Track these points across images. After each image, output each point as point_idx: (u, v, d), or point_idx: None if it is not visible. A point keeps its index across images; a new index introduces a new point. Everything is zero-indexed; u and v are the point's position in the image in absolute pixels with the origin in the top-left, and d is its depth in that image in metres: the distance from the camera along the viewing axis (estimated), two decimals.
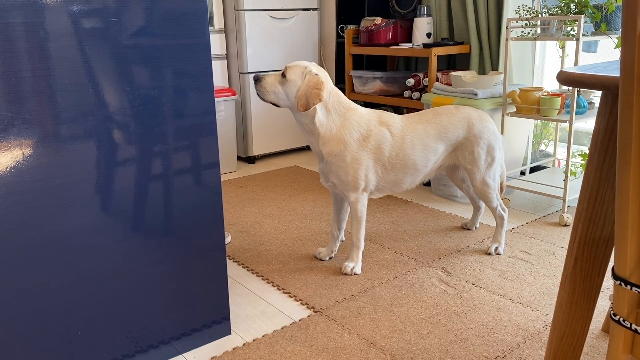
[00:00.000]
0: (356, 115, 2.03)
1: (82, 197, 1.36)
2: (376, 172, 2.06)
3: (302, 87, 1.94)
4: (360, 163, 2.01)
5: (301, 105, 1.94)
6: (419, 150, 2.09)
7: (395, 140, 2.06)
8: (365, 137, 2.02)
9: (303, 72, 1.96)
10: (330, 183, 2.09)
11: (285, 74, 1.98)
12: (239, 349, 1.64)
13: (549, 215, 2.70)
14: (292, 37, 3.77)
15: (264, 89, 2.01)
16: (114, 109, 1.37)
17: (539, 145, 3.33)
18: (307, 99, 1.93)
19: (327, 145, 2.01)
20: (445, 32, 3.36)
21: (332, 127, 2.00)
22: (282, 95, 1.99)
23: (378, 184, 2.10)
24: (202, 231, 1.59)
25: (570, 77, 0.95)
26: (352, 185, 2.04)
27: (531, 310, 1.83)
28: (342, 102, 2.02)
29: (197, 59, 1.48)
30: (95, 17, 1.30)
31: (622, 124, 0.81)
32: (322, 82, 1.94)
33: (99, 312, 1.45)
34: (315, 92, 1.92)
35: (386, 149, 2.05)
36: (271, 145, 3.84)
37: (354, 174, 2.02)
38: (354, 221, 2.11)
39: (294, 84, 1.97)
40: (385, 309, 1.85)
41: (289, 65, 2.00)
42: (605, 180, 1.04)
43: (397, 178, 2.11)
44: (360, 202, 2.08)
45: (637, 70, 0.77)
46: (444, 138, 2.14)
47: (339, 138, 2.00)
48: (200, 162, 1.55)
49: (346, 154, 2.00)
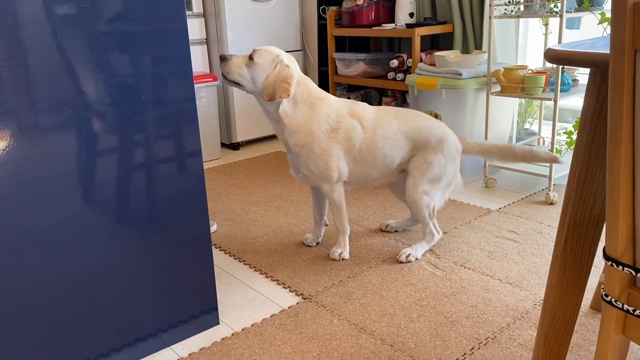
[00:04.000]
0: (325, 105, 1.96)
1: (61, 190, 1.32)
2: (347, 163, 2.00)
3: (271, 77, 1.88)
4: (329, 154, 1.96)
5: (267, 94, 1.88)
6: (389, 145, 2.01)
7: (366, 133, 1.98)
8: (334, 128, 1.95)
9: (274, 60, 1.90)
10: (301, 175, 2.05)
11: (253, 56, 1.91)
12: (227, 339, 1.63)
13: (535, 194, 2.70)
14: (273, 20, 3.70)
15: (229, 68, 1.93)
16: (90, 98, 1.32)
17: (524, 123, 3.33)
18: (274, 90, 1.87)
19: (294, 136, 1.95)
20: (428, 11, 3.33)
21: (298, 118, 1.93)
22: (247, 77, 1.92)
23: (349, 177, 2.04)
24: (186, 220, 1.56)
25: (559, 54, 0.93)
26: (324, 177, 1.99)
27: (520, 290, 1.83)
28: (311, 93, 1.96)
29: (175, 44, 1.43)
30: (67, 2, 1.24)
31: (612, 102, 0.79)
32: (292, 76, 1.88)
33: (83, 306, 1.42)
34: (283, 86, 1.86)
35: (357, 141, 1.98)
36: (255, 131, 3.80)
37: (324, 165, 1.96)
38: (333, 209, 2.09)
39: (261, 69, 1.90)
40: (374, 294, 1.84)
41: (258, 48, 1.92)
42: (594, 159, 1.02)
43: (366, 172, 2.04)
44: (335, 191, 2.03)
45: (628, 46, 0.75)
46: (415, 140, 2.03)
47: (306, 129, 1.93)
48: (182, 150, 1.51)
49: (314, 145, 1.94)
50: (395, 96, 3.57)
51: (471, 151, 2.15)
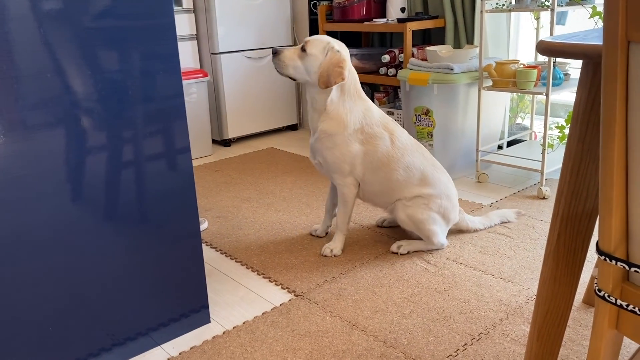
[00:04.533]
0: (364, 107, 2.01)
1: (47, 188, 1.30)
2: (363, 165, 2.01)
3: (325, 63, 1.91)
4: (349, 148, 1.97)
5: (322, 82, 1.91)
6: (403, 171, 2.01)
7: (394, 150, 2.00)
8: (365, 131, 1.99)
9: (325, 47, 1.93)
10: (316, 161, 2.07)
11: (306, 47, 1.94)
12: (219, 337, 1.61)
13: (527, 188, 2.70)
14: (263, 15, 3.67)
15: (282, 62, 1.97)
16: (75, 95, 1.30)
17: (516, 118, 3.33)
18: (329, 76, 1.90)
19: (326, 123, 1.97)
20: (419, 6, 3.31)
21: (340, 108, 1.97)
22: (301, 70, 1.96)
23: (361, 182, 2.04)
24: (175, 218, 1.54)
25: (551, 46, 0.92)
26: (336, 167, 2.01)
27: (512, 285, 1.83)
28: (357, 87, 2.01)
29: (162, 40, 1.41)
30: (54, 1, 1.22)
31: (605, 95, 0.78)
32: (344, 60, 1.92)
33: (71, 305, 1.40)
34: (337, 70, 1.90)
35: (381, 150, 1.99)
36: (247, 127, 3.77)
37: (341, 156, 1.98)
38: (339, 204, 2.09)
39: (314, 59, 1.93)
40: (367, 290, 1.83)
41: (309, 38, 1.96)
42: (587, 153, 1.01)
43: (376, 184, 2.04)
44: (346, 186, 2.04)
45: (621, 38, 0.74)
46: (425, 183, 2.05)
47: (341, 119, 1.97)
48: (171, 147, 1.49)
49: (339, 136, 1.97)
50: (387, 91, 3.55)
51: (461, 225, 2.20)
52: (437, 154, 2.78)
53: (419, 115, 2.80)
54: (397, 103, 3.49)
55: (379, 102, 3.53)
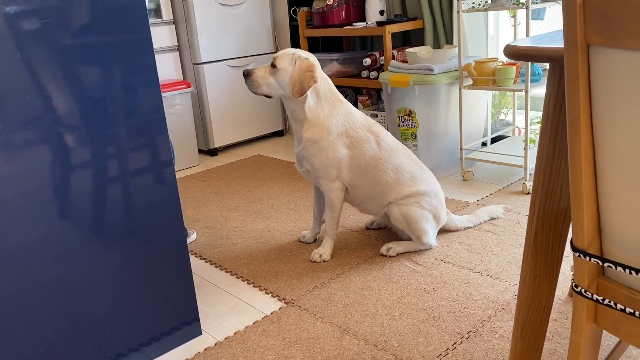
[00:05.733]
0: (344, 109, 2.03)
1: (32, 209, 1.30)
2: (350, 169, 2.03)
3: (295, 73, 1.94)
4: (335, 152, 1.99)
5: (296, 91, 1.94)
6: (392, 173, 2.03)
7: (381, 152, 2.02)
8: (350, 134, 2.01)
9: (292, 58, 1.97)
10: (303, 169, 2.09)
11: (275, 63, 1.97)
12: (210, 349, 1.62)
13: (512, 184, 2.73)
14: (244, 23, 3.69)
15: (255, 82, 2.00)
16: (55, 114, 1.30)
17: (499, 114, 3.36)
18: (302, 83, 1.93)
19: (310, 131, 2.00)
20: (397, 8, 3.34)
21: (319, 113, 1.99)
22: (274, 85, 1.98)
23: (349, 186, 2.06)
24: (161, 231, 1.55)
25: (517, 50, 0.94)
26: (323, 173, 2.02)
27: (500, 282, 1.85)
28: (332, 91, 2.03)
29: (140, 55, 1.42)
30: (29, 16, 1.22)
31: (569, 96, 0.80)
32: (313, 64, 1.95)
33: (61, 325, 1.40)
34: (308, 75, 1.93)
35: (367, 153, 2.01)
36: (233, 136, 3.78)
37: (327, 161, 2.00)
38: (327, 209, 2.10)
39: (285, 72, 1.96)
40: (356, 294, 1.85)
41: (276, 55, 1.99)
42: (559, 152, 1.03)
43: (364, 188, 2.05)
44: (333, 191, 2.06)
45: (580, 41, 0.76)
46: (410, 181, 2.07)
47: (323, 124, 1.99)
48: (153, 160, 1.50)
49: (325, 141, 1.99)
50: (370, 94, 3.58)
51: (450, 226, 2.23)
52: (422, 154, 2.80)
53: (402, 116, 2.83)
54: (381, 105, 3.51)
55: (363, 105, 3.55)
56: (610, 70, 0.74)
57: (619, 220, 0.82)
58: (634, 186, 0.77)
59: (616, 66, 0.73)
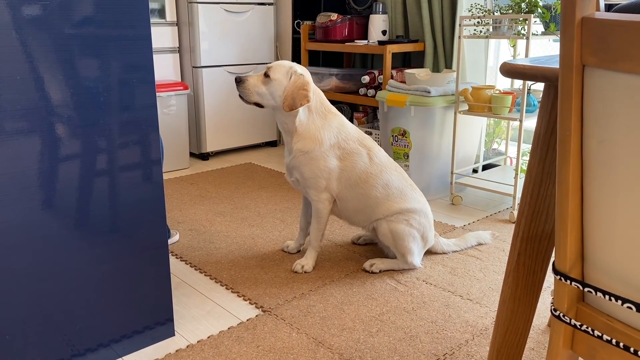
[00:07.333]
0: (337, 121, 2.02)
1: (11, 192, 1.28)
2: (340, 181, 2.02)
3: (289, 88, 1.93)
4: (326, 163, 1.98)
5: (287, 105, 1.92)
6: (382, 188, 2.02)
7: (372, 167, 2.02)
8: (341, 146, 2.00)
9: (288, 71, 1.95)
10: (293, 179, 2.08)
11: (269, 73, 1.96)
12: (182, 351, 1.58)
13: (500, 212, 2.73)
14: (247, 31, 3.70)
15: (247, 90, 1.98)
16: (46, 102, 1.29)
17: (492, 143, 3.37)
18: (294, 99, 1.92)
19: (301, 143, 1.99)
20: (400, 29, 3.36)
21: (310, 126, 1.98)
22: (266, 95, 1.97)
23: (337, 198, 2.05)
24: (143, 228, 1.52)
25: (513, 68, 0.94)
26: (312, 183, 2.01)
27: (480, 307, 1.83)
28: (324, 104, 2.03)
29: (138, 50, 1.41)
30: (27, 4, 1.21)
31: (561, 116, 0.79)
32: (308, 82, 1.94)
33: (30, 313, 1.37)
34: (302, 93, 1.92)
35: (359, 167, 2.00)
36: (226, 142, 3.77)
37: (317, 171, 1.99)
38: (313, 220, 2.08)
39: (278, 83, 1.95)
40: (335, 307, 1.82)
41: (271, 65, 1.98)
42: (547, 175, 1.03)
43: (353, 201, 2.04)
44: (321, 202, 2.04)
45: (576, 61, 0.76)
46: (399, 198, 2.06)
47: (315, 137, 1.98)
48: (142, 156, 1.48)
49: (316, 152, 1.98)
50: (366, 112, 3.59)
51: (436, 249, 2.22)
52: (413, 175, 2.80)
53: (396, 136, 2.83)
54: (376, 123, 3.52)
55: (358, 122, 3.56)
56: (604, 91, 0.74)
57: (603, 245, 0.81)
58: (620, 211, 0.77)
59: (611, 88, 0.73)
